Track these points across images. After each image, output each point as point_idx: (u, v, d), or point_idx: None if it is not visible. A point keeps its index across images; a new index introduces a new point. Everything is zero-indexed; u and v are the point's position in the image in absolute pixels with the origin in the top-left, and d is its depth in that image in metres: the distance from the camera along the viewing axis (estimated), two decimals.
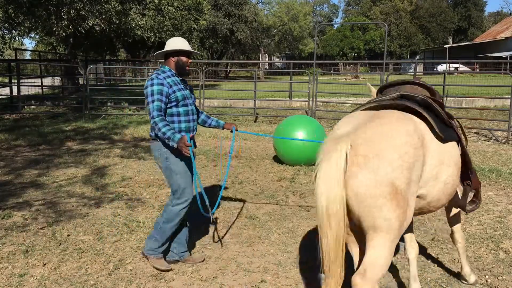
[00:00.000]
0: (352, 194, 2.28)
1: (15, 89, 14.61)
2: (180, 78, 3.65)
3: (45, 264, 3.74)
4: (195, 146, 3.76)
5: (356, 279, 2.32)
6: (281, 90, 17.16)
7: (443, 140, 2.64)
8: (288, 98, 15.58)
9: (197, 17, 22.07)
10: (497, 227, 4.60)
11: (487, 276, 3.57)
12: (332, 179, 2.25)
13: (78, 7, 12.61)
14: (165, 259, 3.74)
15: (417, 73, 17.71)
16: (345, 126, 2.51)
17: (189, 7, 20.87)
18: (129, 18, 15.54)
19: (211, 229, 4.52)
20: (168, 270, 3.65)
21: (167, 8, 18.20)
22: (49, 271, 3.63)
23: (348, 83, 25.45)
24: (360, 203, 2.28)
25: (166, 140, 3.40)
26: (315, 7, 63.55)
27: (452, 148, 2.74)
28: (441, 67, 32.67)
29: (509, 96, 10.50)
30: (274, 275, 3.59)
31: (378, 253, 2.30)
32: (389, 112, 2.59)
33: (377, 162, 2.26)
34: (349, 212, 2.33)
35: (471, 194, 3.17)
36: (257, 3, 46.95)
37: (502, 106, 13.78)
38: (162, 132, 3.38)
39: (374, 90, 3.46)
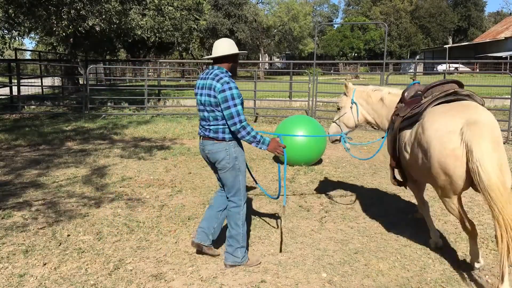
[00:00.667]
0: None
1: (15, 89, 14.61)
2: None
3: (45, 264, 3.74)
4: None
5: None
6: (281, 90, 17.16)
7: None
8: (288, 98, 15.58)
9: (197, 17, 22.08)
10: None
11: (487, 276, 3.57)
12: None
13: (78, 7, 12.61)
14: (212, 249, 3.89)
15: (417, 73, 17.69)
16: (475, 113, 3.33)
17: (189, 7, 20.87)
18: (129, 18, 15.55)
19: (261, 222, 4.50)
20: (259, 263, 3.77)
21: (167, 8, 18.20)
22: (49, 271, 3.63)
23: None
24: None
25: (255, 144, 3.50)
26: (315, 7, 63.51)
27: None
28: (441, 67, 32.68)
29: (509, 96, 10.50)
30: (274, 275, 3.59)
31: None
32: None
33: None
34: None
35: None
36: (257, 3, 46.97)
37: (502, 106, 13.78)
38: (252, 136, 3.47)
39: (351, 87, 3.80)
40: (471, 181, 3.17)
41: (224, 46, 3.59)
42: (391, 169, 4.26)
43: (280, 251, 4.03)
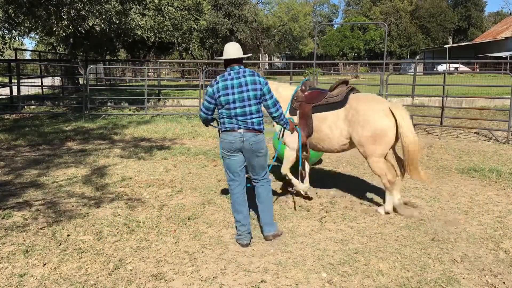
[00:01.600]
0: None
1: (15, 89, 14.61)
2: None
3: (45, 264, 3.74)
4: None
5: None
6: None
7: None
8: None
9: (197, 17, 22.08)
10: (497, 227, 4.60)
11: (487, 276, 3.57)
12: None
13: (78, 7, 12.60)
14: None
15: (417, 73, 17.71)
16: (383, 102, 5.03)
17: (189, 7, 20.87)
18: (129, 18, 15.53)
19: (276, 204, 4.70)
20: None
21: (167, 8, 18.19)
22: (49, 271, 3.63)
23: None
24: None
25: (285, 125, 4.46)
26: (315, 7, 63.50)
27: None
28: (441, 67, 32.69)
29: (509, 96, 10.50)
30: (274, 275, 3.59)
31: None
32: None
33: None
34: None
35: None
36: (257, 3, 46.97)
37: (502, 106, 13.78)
38: (287, 119, 4.48)
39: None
40: (396, 140, 4.84)
41: (240, 49, 4.18)
42: (301, 147, 5.14)
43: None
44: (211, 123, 4.41)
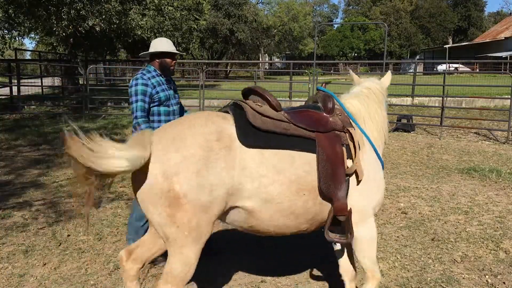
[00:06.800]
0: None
1: (15, 89, 14.60)
2: (165, 78, 3.70)
3: (45, 264, 3.73)
4: None
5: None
6: (281, 90, 17.14)
7: (250, 146, 2.36)
8: (288, 98, 15.57)
9: (197, 17, 22.06)
10: (497, 227, 4.60)
11: (487, 276, 3.57)
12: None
13: (78, 7, 12.61)
14: None
15: (417, 73, 17.70)
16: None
17: (189, 7, 20.85)
18: (129, 18, 15.53)
19: None
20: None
21: (167, 8, 18.18)
22: (49, 271, 3.63)
23: (348, 83, 25.40)
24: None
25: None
26: (315, 7, 63.50)
27: (283, 160, 2.41)
28: (441, 67, 32.67)
29: (509, 96, 10.50)
30: (274, 275, 3.58)
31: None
32: (199, 114, 2.53)
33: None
34: None
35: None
36: (257, 3, 46.94)
37: (502, 106, 13.78)
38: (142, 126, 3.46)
39: (357, 78, 3.40)
40: None
41: (152, 45, 3.68)
42: None
43: None
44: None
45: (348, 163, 2.57)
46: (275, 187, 2.37)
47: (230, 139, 2.33)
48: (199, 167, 2.22)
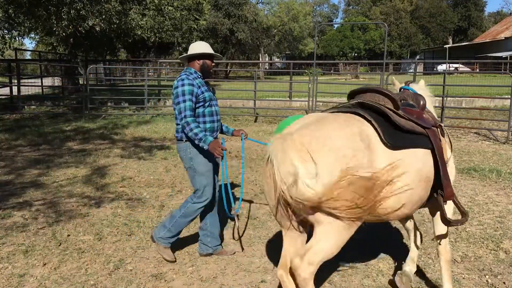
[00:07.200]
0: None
1: (15, 89, 14.60)
2: (204, 80, 3.76)
3: (45, 264, 3.73)
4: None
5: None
6: (281, 90, 17.15)
7: (392, 147, 2.53)
8: (288, 98, 15.57)
9: (197, 17, 22.04)
10: (497, 227, 4.60)
11: (487, 276, 3.57)
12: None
13: (78, 7, 12.60)
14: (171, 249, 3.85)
15: (417, 73, 17.70)
16: (292, 126, 2.61)
17: (189, 7, 20.84)
18: (129, 18, 15.52)
19: (230, 227, 4.53)
20: (173, 261, 3.74)
21: (167, 8, 18.17)
22: (49, 271, 3.63)
23: (348, 83, 25.43)
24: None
25: (197, 141, 3.47)
26: (315, 7, 63.47)
27: (413, 156, 2.64)
28: (441, 67, 32.65)
29: (509, 96, 10.50)
30: (274, 275, 3.58)
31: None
32: (334, 115, 2.61)
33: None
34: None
35: (449, 206, 3.01)
36: (257, 3, 46.94)
37: (502, 106, 13.77)
38: (194, 133, 3.46)
39: (398, 84, 3.52)
40: None
41: (192, 48, 3.78)
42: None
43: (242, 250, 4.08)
44: None
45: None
46: (408, 177, 2.58)
47: (369, 139, 2.49)
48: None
